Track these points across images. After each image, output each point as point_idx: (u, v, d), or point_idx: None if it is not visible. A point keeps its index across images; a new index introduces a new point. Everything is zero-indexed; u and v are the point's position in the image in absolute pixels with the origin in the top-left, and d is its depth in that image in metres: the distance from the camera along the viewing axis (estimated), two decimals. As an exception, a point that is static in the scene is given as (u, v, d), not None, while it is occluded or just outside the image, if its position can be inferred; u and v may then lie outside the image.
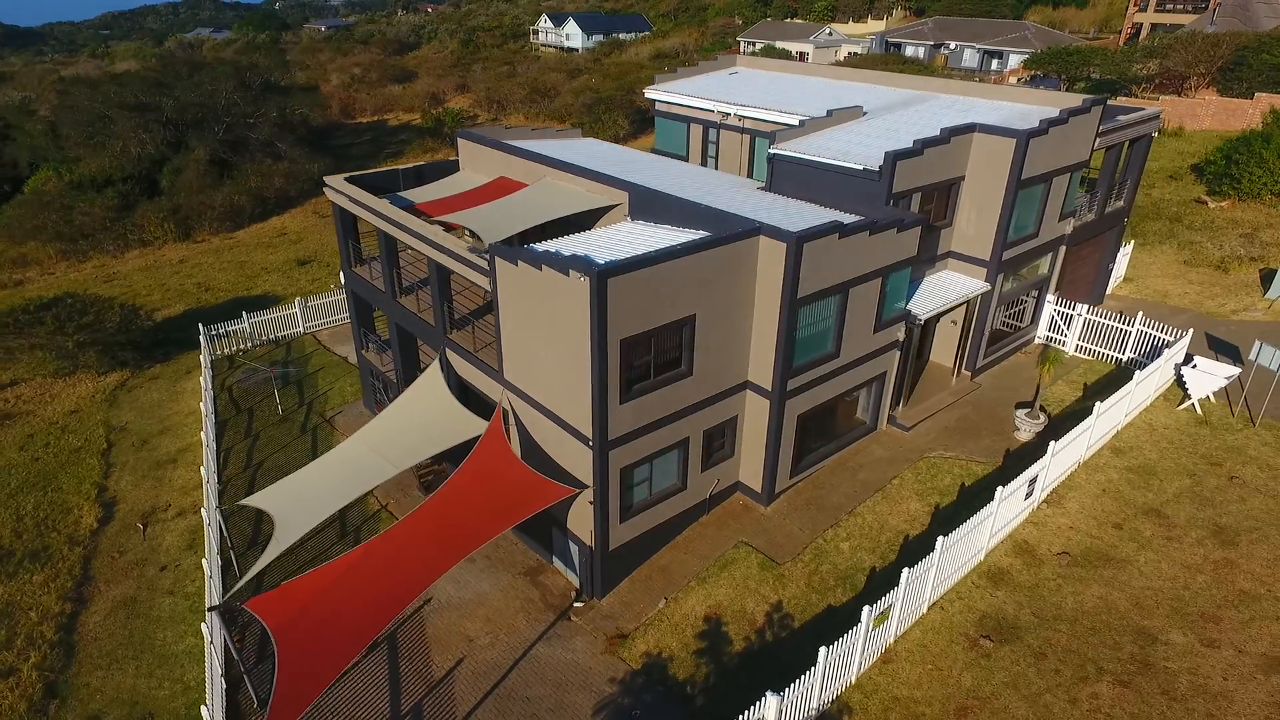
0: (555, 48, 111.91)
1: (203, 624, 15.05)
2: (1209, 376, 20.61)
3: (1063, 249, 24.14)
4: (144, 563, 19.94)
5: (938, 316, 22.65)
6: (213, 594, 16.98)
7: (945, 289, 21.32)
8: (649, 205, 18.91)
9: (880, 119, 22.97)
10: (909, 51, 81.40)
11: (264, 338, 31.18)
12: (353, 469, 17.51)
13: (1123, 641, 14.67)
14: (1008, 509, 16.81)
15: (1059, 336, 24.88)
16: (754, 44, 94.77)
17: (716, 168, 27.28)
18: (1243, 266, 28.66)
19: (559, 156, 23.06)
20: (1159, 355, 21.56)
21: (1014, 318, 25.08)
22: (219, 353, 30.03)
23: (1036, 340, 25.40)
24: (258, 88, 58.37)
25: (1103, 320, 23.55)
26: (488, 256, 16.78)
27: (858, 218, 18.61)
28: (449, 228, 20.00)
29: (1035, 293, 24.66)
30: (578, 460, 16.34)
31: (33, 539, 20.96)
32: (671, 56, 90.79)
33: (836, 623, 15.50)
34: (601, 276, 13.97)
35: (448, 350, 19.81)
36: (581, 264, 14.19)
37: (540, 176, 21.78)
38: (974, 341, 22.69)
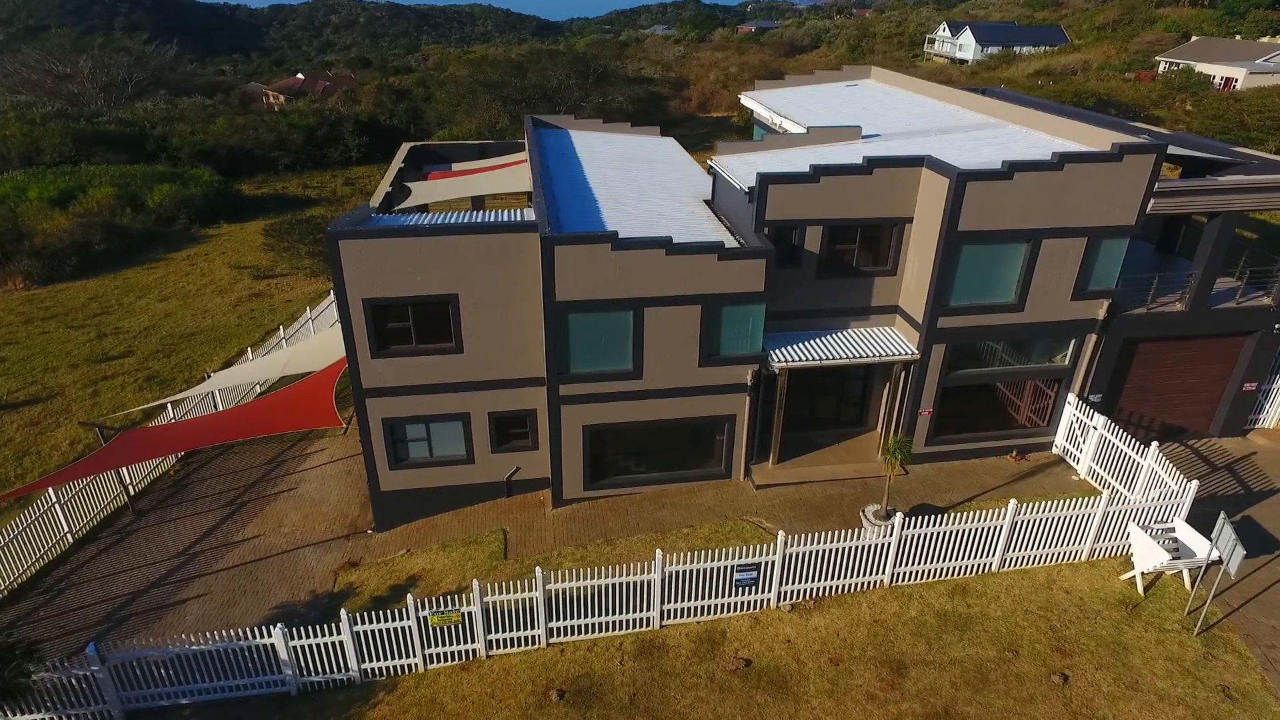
0: (947, 58, 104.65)
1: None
2: (1158, 550, 14.41)
3: (1090, 338, 18.20)
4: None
5: (833, 370, 19.38)
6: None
7: (851, 344, 18.03)
8: (539, 200, 19.67)
9: (880, 143, 19.85)
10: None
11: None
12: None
13: (676, 764, 12.26)
14: (693, 589, 14.61)
15: (1074, 450, 18.90)
16: (1176, 64, 77.98)
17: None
18: None
19: (575, 150, 24.64)
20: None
21: (1038, 414, 19.74)
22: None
23: (1054, 450, 19.58)
24: (594, 77, 66.89)
25: (1116, 442, 17.41)
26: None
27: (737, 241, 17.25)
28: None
29: (1055, 387, 19.10)
30: (362, 401, 18.49)
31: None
32: (1055, 75, 79.38)
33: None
34: (331, 238, 15.89)
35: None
36: (335, 226, 16.27)
37: (523, 161, 23.59)
38: (905, 419, 18.67)
